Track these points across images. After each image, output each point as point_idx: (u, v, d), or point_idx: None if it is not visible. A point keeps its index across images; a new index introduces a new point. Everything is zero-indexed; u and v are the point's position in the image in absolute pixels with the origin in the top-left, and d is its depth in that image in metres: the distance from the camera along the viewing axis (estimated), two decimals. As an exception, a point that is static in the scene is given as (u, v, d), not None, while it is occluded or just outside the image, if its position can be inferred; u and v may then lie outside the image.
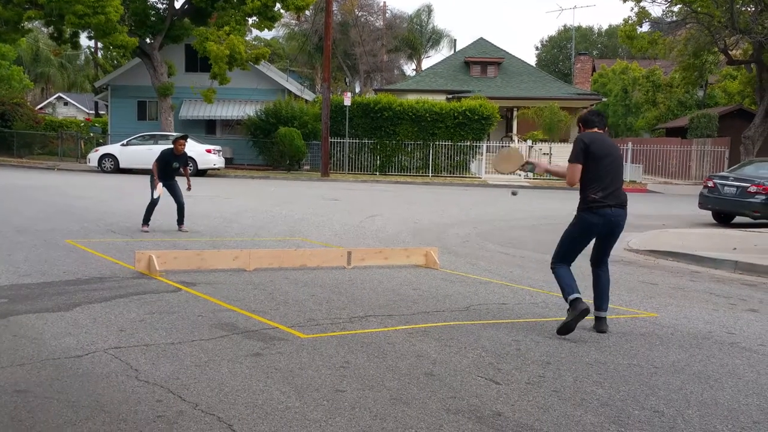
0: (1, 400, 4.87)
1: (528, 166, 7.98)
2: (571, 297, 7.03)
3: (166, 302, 7.88)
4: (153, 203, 13.57)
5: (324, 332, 6.86)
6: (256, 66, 37.57)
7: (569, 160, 7.16)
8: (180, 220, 13.77)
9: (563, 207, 23.13)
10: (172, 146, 13.81)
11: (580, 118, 7.55)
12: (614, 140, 49.88)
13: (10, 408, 4.74)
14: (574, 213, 7.30)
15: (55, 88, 79.23)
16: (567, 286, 7.14)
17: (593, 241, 7.41)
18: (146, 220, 13.63)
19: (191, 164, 31.37)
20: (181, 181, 14.08)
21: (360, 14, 67.41)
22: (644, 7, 35.34)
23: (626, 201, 7.31)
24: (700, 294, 9.88)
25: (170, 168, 13.77)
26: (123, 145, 32.92)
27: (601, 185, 7.08)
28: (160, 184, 13.54)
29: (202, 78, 36.17)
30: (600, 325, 7.37)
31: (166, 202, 13.97)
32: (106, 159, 32.70)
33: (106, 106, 45.33)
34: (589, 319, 7.82)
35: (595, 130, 7.33)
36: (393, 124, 36.75)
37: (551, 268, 7.41)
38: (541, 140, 39.92)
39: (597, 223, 7.12)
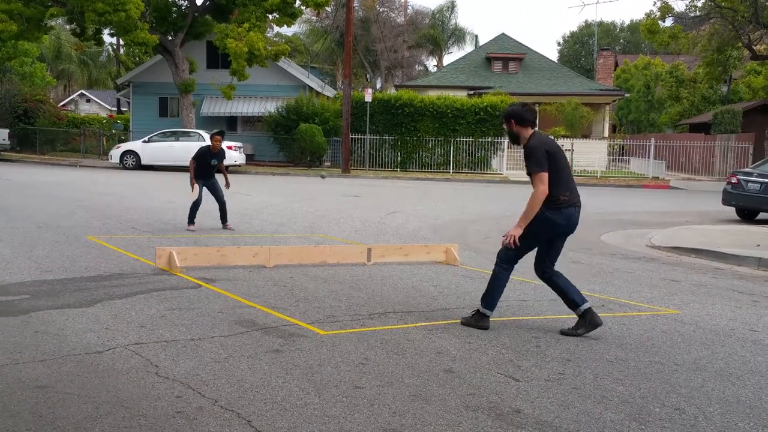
0: (23, 396, 4.90)
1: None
2: (488, 312, 7.05)
3: (187, 298, 7.91)
4: (196, 203, 13.44)
5: (343, 329, 6.86)
6: (276, 63, 37.63)
7: (535, 169, 6.70)
8: (223, 218, 13.64)
9: (585, 202, 23.04)
10: (208, 143, 13.68)
11: (513, 114, 6.97)
12: (637, 136, 49.77)
13: (31, 403, 4.77)
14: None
15: (78, 85, 79.78)
16: (494, 297, 7.04)
17: (536, 250, 7.13)
18: (191, 220, 13.47)
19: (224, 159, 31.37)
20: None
21: (381, 10, 67.41)
22: (667, 2, 35.09)
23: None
24: (723, 291, 9.80)
25: (208, 166, 13.58)
26: (145, 141, 33.11)
27: (566, 186, 6.86)
28: (196, 186, 13.42)
29: (223, 74, 36.28)
30: (593, 318, 6.90)
31: (204, 200, 13.89)
32: (128, 156, 32.90)
33: (128, 102, 45.64)
34: (610, 315, 7.78)
35: (530, 129, 6.96)
36: (414, 121, 36.73)
37: (495, 266, 7.15)
38: (563, 136, 39.75)
39: (560, 223, 6.85)
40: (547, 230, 6.92)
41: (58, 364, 5.58)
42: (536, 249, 7.16)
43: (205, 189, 13.54)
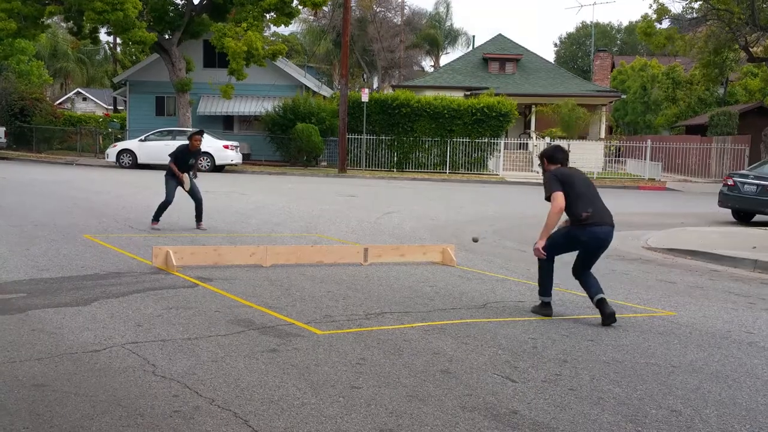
0: (20, 394, 4.90)
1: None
2: (545, 299, 7.84)
3: (183, 298, 7.91)
4: (166, 203, 13.44)
5: (340, 329, 6.86)
6: (273, 62, 37.59)
7: (548, 192, 7.42)
8: (198, 217, 13.64)
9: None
10: (187, 143, 13.72)
11: (546, 154, 7.78)
12: (633, 137, 49.81)
13: (28, 402, 4.77)
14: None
15: (74, 83, 79.67)
16: (544, 284, 7.82)
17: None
18: (156, 218, 13.48)
19: (207, 159, 31.59)
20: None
21: (378, 10, 67.41)
22: (663, 4, 35.10)
23: (612, 220, 7.64)
24: (719, 293, 9.82)
25: (185, 164, 13.61)
26: (141, 140, 33.06)
27: (587, 203, 7.42)
28: (186, 176, 13.45)
29: (220, 74, 36.25)
30: (604, 308, 7.46)
31: (183, 197, 13.95)
32: (125, 154, 32.85)
33: (125, 101, 45.54)
34: (596, 316, 7.80)
35: (559, 166, 7.66)
36: (410, 121, 36.72)
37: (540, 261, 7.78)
38: (560, 137, 39.78)
39: (584, 240, 7.49)
40: (573, 244, 7.61)
41: (55, 362, 5.58)
42: (576, 259, 7.76)
43: (179, 189, 13.57)
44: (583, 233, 7.42)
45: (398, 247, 11.39)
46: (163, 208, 13.51)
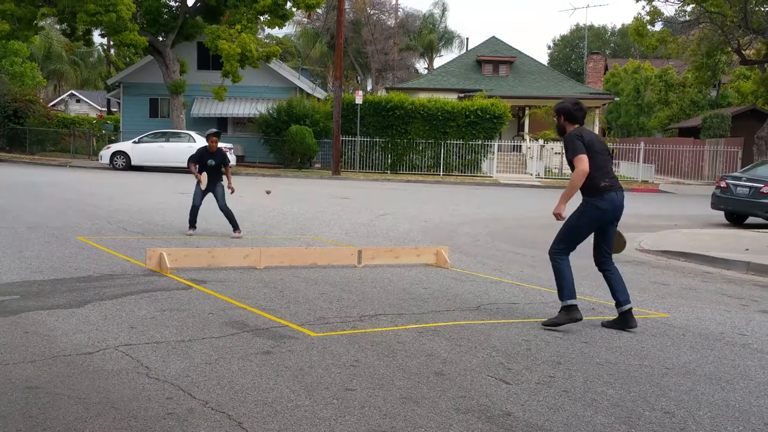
0: (13, 396, 4.88)
1: None
2: (570, 302, 7.26)
3: (177, 300, 7.90)
4: (192, 207, 13.24)
5: (334, 331, 6.86)
6: (267, 64, 37.61)
7: (573, 154, 7.15)
8: (233, 226, 13.28)
9: (575, 206, 23.06)
10: (206, 144, 13.42)
11: (564, 109, 7.47)
12: (626, 140, 49.91)
13: (21, 404, 4.76)
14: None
15: (68, 85, 79.51)
16: (567, 288, 7.28)
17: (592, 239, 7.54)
18: (192, 224, 13.27)
19: (229, 162, 31.21)
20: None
21: (372, 12, 67.39)
22: (656, 7, 35.21)
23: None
24: (712, 295, 9.84)
25: (206, 166, 13.32)
26: (135, 142, 33.04)
27: (606, 173, 7.27)
28: (203, 175, 13.27)
29: (214, 76, 36.24)
30: (628, 321, 7.36)
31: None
32: (118, 156, 32.82)
33: (119, 103, 45.50)
34: (600, 319, 7.80)
35: (577, 126, 7.41)
36: (404, 123, 36.75)
37: (553, 258, 7.43)
38: (553, 140, 39.83)
39: (607, 209, 7.26)
40: (596, 218, 7.31)
41: (48, 364, 5.56)
42: (593, 241, 7.55)
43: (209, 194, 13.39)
44: (602, 202, 7.21)
45: (392, 249, 11.39)
46: (191, 213, 13.30)
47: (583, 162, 7.09)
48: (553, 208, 7.46)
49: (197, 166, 13.31)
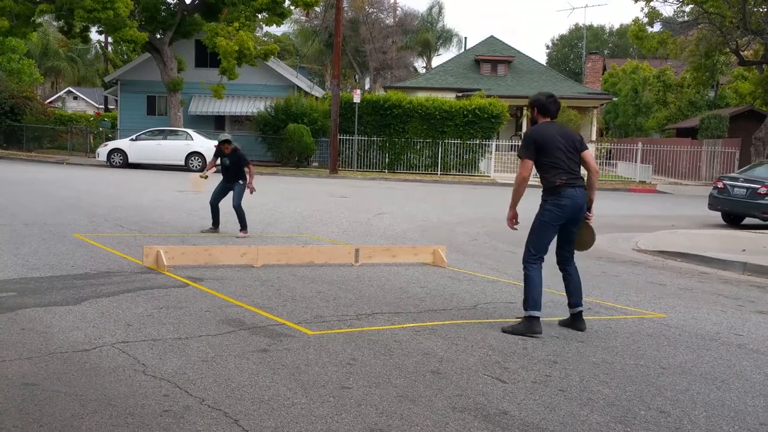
0: (10, 393, 4.88)
1: None
2: (533, 314, 7.01)
3: (174, 297, 7.90)
4: (212, 205, 13.37)
5: (331, 329, 6.87)
6: (265, 62, 37.59)
7: (521, 155, 7.15)
8: (241, 225, 13.25)
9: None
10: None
11: (537, 102, 7.41)
12: (624, 140, 49.91)
13: (18, 401, 4.76)
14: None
15: (65, 82, 79.40)
16: (533, 299, 7.03)
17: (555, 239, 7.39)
18: (214, 223, 13.47)
19: (198, 159, 31.60)
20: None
21: (370, 11, 67.40)
22: (655, 7, 35.27)
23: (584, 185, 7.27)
24: (709, 295, 9.86)
25: (222, 165, 13.43)
26: (132, 140, 33.00)
27: (562, 170, 7.09)
28: (196, 177, 13.49)
29: (211, 73, 36.23)
30: (578, 323, 7.32)
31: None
32: (115, 154, 32.78)
33: (116, 100, 45.44)
34: (597, 319, 7.82)
35: (548, 119, 7.33)
36: (402, 122, 36.74)
37: (525, 266, 7.21)
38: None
39: (567, 206, 7.07)
40: (557, 216, 7.14)
41: (44, 361, 5.56)
42: (556, 240, 7.37)
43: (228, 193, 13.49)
44: (560, 199, 7.06)
45: (389, 247, 11.39)
46: (212, 212, 13.46)
47: (525, 168, 7.08)
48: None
49: (216, 161, 13.66)
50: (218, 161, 13.60)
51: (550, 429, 4.69)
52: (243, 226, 13.25)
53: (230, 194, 13.35)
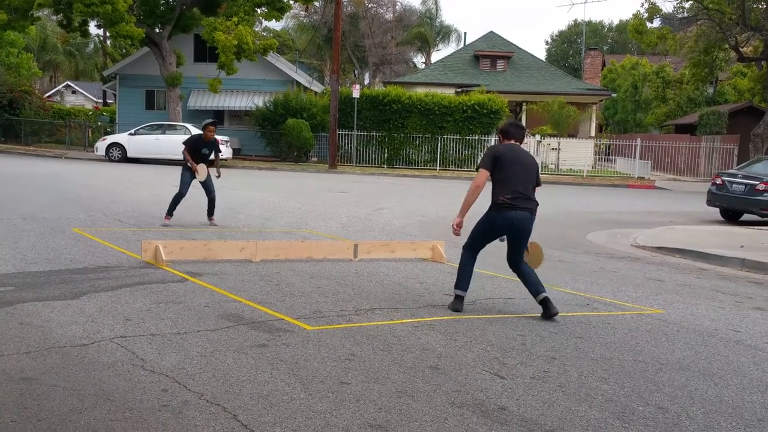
0: (8, 388, 4.88)
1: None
2: (458, 292, 7.75)
3: (172, 292, 7.89)
4: (179, 195, 13.31)
5: (330, 324, 6.87)
6: (264, 57, 37.55)
7: (478, 166, 7.62)
8: (210, 212, 13.51)
9: (571, 202, 23.12)
10: (201, 132, 13.55)
11: (501, 129, 7.92)
12: (623, 136, 49.91)
13: (16, 395, 4.76)
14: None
15: (64, 76, 79.38)
16: (463, 279, 7.76)
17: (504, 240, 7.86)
18: (170, 212, 13.28)
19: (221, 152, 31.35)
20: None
21: (370, 6, 67.32)
22: (655, 3, 35.17)
23: (535, 207, 7.63)
24: (707, 291, 9.86)
25: (199, 154, 13.42)
26: (131, 134, 32.98)
27: (510, 189, 7.43)
28: (202, 166, 13.36)
29: (210, 68, 36.17)
30: (548, 309, 7.50)
31: (191, 193, 13.81)
32: (114, 148, 32.76)
33: (114, 95, 45.44)
34: (595, 314, 7.83)
35: (512, 141, 7.71)
36: (401, 117, 36.72)
37: (462, 252, 7.91)
38: (550, 135, 39.88)
39: (500, 224, 7.55)
40: (491, 228, 7.68)
41: (43, 356, 5.56)
42: (506, 247, 7.85)
43: (194, 183, 13.46)
44: (497, 216, 7.51)
45: (388, 243, 11.40)
46: (175, 201, 13.35)
47: (479, 177, 7.48)
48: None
49: (189, 150, 13.42)
50: (193, 150, 13.48)
51: (548, 425, 4.70)
52: (212, 213, 13.59)
53: (196, 182, 13.47)
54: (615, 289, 9.54)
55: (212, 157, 13.76)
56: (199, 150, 13.40)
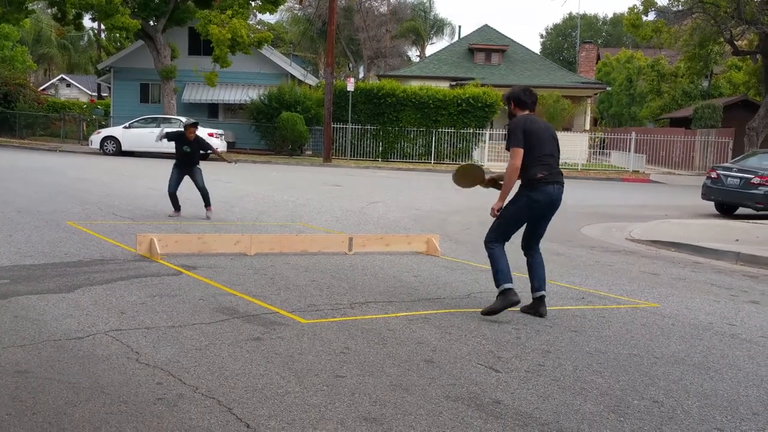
0: (2, 381, 4.87)
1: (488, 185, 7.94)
2: (506, 286, 7.15)
3: (167, 285, 7.88)
4: (169, 193, 13.46)
5: (324, 318, 6.86)
6: (259, 50, 37.48)
7: (510, 145, 7.08)
8: (206, 204, 13.57)
9: (566, 195, 23.08)
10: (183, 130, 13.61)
11: (512, 97, 7.38)
12: (618, 129, 49.99)
13: (11, 388, 4.75)
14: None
15: (58, 69, 79.14)
16: (502, 272, 7.21)
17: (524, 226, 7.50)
18: (175, 207, 13.53)
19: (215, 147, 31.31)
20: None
21: (364, -1, 67.25)
22: (650, -5, 35.15)
23: (563, 181, 7.36)
24: (702, 285, 9.88)
25: (181, 152, 13.47)
26: (125, 127, 32.91)
27: (544, 165, 7.13)
28: (163, 131, 13.80)
29: (205, 61, 36.11)
30: (539, 307, 7.38)
31: (186, 188, 13.85)
32: (108, 141, 32.70)
33: (109, 88, 45.31)
34: (590, 308, 7.84)
35: (527, 112, 7.31)
36: (396, 111, 36.70)
37: (487, 246, 7.44)
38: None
39: (540, 200, 7.16)
40: (528, 208, 7.23)
41: (38, 349, 5.55)
42: (524, 229, 7.53)
43: (185, 179, 13.51)
44: (536, 193, 7.11)
45: (383, 236, 11.39)
46: (171, 197, 13.55)
47: (517, 156, 7.02)
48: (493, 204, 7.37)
49: (168, 141, 13.62)
50: (175, 145, 13.64)
51: (543, 418, 4.70)
52: (209, 202, 13.60)
53: (186, 178, 13.58)
54: (610, 283, 9.55)
55: (206, 153, 13.91)
56: (180, 147, 13.52)
